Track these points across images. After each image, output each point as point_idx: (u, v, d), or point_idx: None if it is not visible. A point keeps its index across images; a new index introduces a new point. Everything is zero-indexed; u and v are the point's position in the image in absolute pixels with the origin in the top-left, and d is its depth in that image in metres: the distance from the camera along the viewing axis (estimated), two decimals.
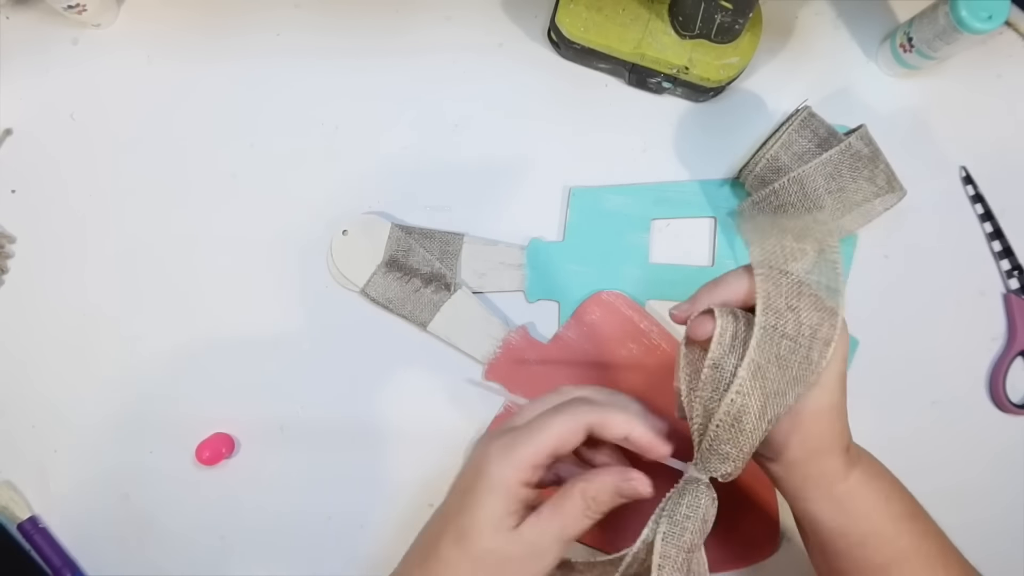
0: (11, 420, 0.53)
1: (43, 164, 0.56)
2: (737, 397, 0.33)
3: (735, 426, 0.34)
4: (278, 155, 0.56)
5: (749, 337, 0.34)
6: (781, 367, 0.34)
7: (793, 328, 0.34)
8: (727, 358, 0.34)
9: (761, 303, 0.34)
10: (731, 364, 0.34)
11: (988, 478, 0.54)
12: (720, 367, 0.34)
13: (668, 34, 0.52)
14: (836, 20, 0.58)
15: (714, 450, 0.35)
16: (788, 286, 0.35)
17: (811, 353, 0.34)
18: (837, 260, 0.36)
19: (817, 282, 0.35)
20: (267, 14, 0.57)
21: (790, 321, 0.34)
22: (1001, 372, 0.54)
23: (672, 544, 0.35)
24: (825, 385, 0.35)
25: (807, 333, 0.34)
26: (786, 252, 0.36)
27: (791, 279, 0.35)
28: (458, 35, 0.57)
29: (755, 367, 0.33)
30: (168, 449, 0.53)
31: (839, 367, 0.36)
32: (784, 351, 0.34)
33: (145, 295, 0.54)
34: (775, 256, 0.36)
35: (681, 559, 0.35)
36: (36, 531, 0.51)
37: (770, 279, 0.35)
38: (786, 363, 0.34)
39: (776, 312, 0.34)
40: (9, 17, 0.57)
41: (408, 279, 0.53)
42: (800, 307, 0.35)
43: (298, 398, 0.54)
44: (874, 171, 0.49)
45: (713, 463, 0.36)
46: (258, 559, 0.52)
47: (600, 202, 0.55)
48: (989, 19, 0.48)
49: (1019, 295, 0.55)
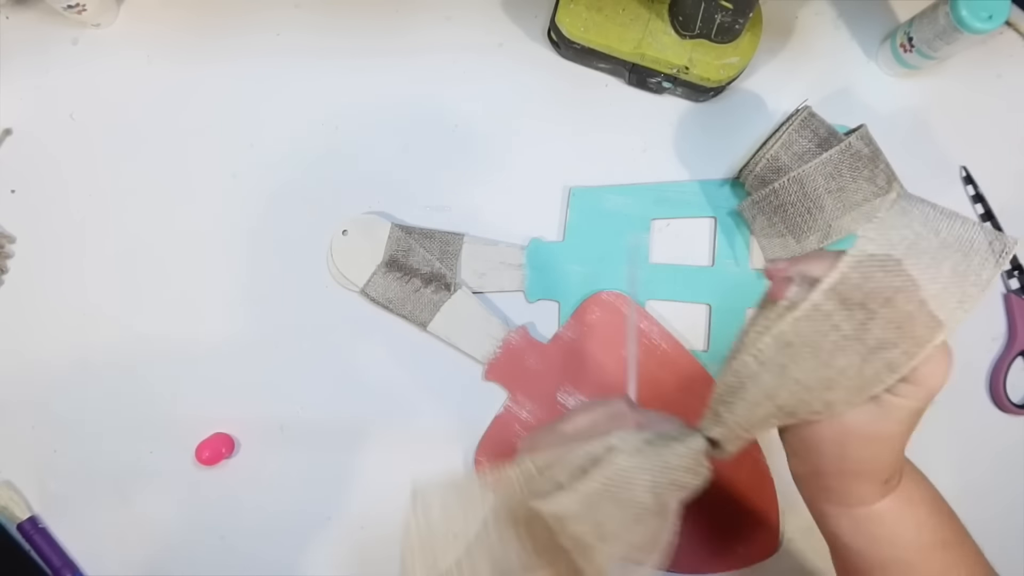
0: (11, 420, 0.53)
1: (43, 164, 0.56)
2: (751, 360, 0.30)
3: (737, 391, 0.31)
4: (278, 155, 0.56)
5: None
6: (818, 360, 0.29)
7: (853, 328, 0.29)
8: (773, 324, 0.30)
9: (827, 282, 0.29)
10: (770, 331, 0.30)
11: (988, 478, 0.54)
12: (761, 331, 0.30)
13: (668, 34, 0.52)
14: (836, 20, 0.58)
15: (714, 405, 0.32)
16: (878, 283, 0.29)
17: (865, 368, 0.29)
18: (972, 302, 0.29)
19: (922, 301, 0.29)
20: (267, 14, 0.57)
21: (854, 319, 0.29)
22: (1001, 372, 0.54)
23: (625, 458, 0.31)
24: (891, 415, 0.31)
25: (870, 344, 0.29)
26: (917, 251, 0.29)
27: (890, 276, 0.29)
28: (458, 35, 0.57)
29: (783, 341, 0.29)
30: (168, 449, 0.53)
31: (915, 405, 0.31)
32: (829, 346, 0.29)
33: (145, 295, 0.54)
34: (894, 247, 0.29)
35: (620, 477, 0.31)
36: (36, 531, 0.51)
37: (860, 265, 0.29)
38: (827, 360, 0.29)
39: (842, 300, 0.29)
40: (9, 17, 0.57)
41: (408, 279, 0.53)
42: (879, 313, 0.29)
43: (298, 398, 0.54)
44: (874, 171, 0.49)
45: (708, 419, 0.33)
46: (258, 559, 0.52)
47: (600, 202, 0.55)
48: (989, 19, 0.48)
49: (1019, 295, 0.55)
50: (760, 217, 0.52)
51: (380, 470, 0.53)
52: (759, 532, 0.52)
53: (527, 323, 0.54)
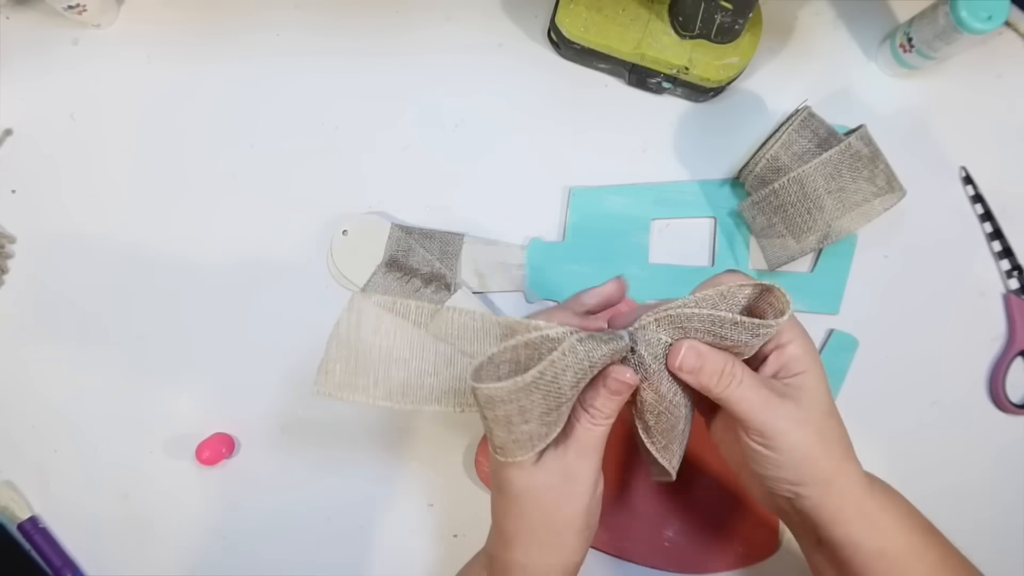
0: (11, 420, 0.53)
1: (43, 164, 0.56)
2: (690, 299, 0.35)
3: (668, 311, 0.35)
4: (278, 155, 0.56)
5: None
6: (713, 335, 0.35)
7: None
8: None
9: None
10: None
11: (988, 478, 0.54)
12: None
13: (668, 34, 0.52)
14: (836, 20, 0.58)
15: (645, 318, 0.35)
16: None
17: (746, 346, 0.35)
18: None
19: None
20: (267, 14, 0.57)
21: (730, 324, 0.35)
22: (1001, 372, 0.54)
23: (558, 354, 0.33)
24: (817, 390, 0.36)
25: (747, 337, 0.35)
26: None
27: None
28: (458, 35, 0.57)
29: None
30: (168, 449, 0.53)
31: (819, 371, 0.36)
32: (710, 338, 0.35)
33: (145, 295, 0.54)
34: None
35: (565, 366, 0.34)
36: (36, 531, 0.51)
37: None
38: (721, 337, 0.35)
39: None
40: (9, 17, 0.57)
41: (408, 279, 0.53)
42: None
43: (298, 398, 0.54)
44: (874, 171, 0.49)
45: (636, 327, 0.36)
46: (258, 559, 0.52)
47: (600, 202, 0.55)
48: (989, 19, 0.48)
49: (1019, 295, 0.55)
50: (760, 217, 0.52)
51: (380, 470, 0.53)
52: (759, 532, 0.52)
53: None
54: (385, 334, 0.39)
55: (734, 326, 0.34)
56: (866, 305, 0.55)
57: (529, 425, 0.34)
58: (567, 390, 0.34)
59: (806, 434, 0.35)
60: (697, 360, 0.35)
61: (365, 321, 0.39)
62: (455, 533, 0.53)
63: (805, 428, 0.35)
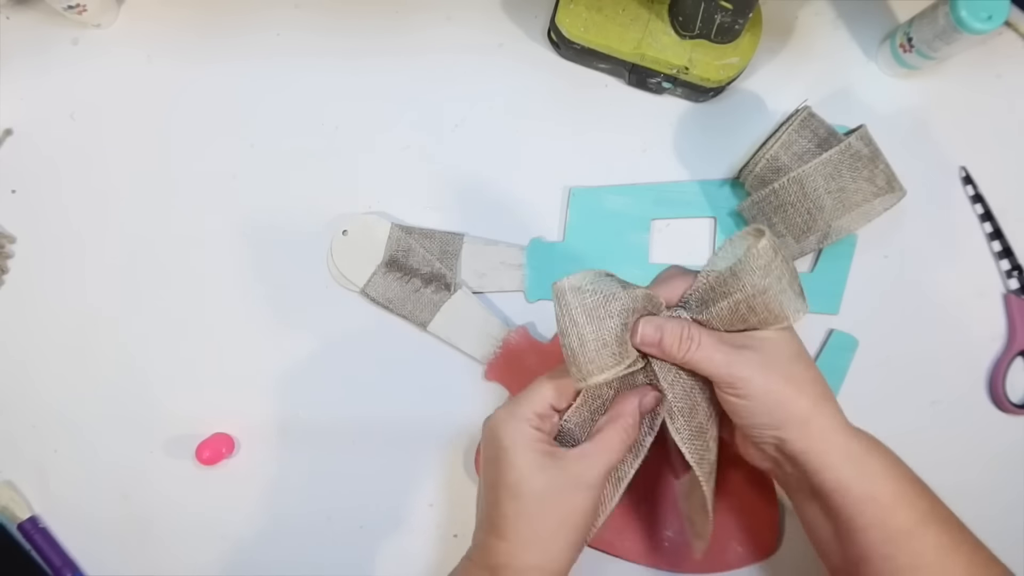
0: (11, 420, 0.53)
1: (43, 164, 0.56)
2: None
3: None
4: (278, 155, 0.56)
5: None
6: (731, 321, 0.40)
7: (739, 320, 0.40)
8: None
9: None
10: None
11: (988, 478, 0.54)
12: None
13: (668, 34, 0.52)
14: (836, 20, 0.58)
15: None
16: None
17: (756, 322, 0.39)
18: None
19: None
20: (267, 14, 0.57)
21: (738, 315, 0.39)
22: (1001, 372, 0.54)
23: (599, 283, 0.38)
24: (780, 338, 0.39)
25: (752, 322, 0.39)
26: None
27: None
28: (458, 35, 0.57)
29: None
30: (168, 449, 0.53)
31: (789, 333, 0.40)
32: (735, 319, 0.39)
33: (145, 295, 0.54)
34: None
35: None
36: (36, 531, 0.51)
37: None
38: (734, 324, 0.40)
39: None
40: (9, 17, 0.57)
41: (408, 279, 0.53)
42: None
43: (298, 398, 0.54)
44: (874, 171, 0.49)
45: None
46: (258, 559, 0.52)
47: (600, 202, 0.55)
48: (989, 19, 0.48)
49: (1019, 295, 0.55)
50: (760, 217, 0.52)
51: (380, 470, 0.53)
52: (759, 532, 0.52)
53: (527, 323, 0.54)
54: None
55: (734, 275, 0.38)
56: (866, 305, 0.55)
57: (587, 354, 0.37)
58: (616, 323, 0.38)
59: (771, 378, 0.38)
60: (655, 332, 0.39)
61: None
62: (455, 533, 0.53)
63: (769, 372, 0.38)
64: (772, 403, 0.38)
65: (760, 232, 0.37)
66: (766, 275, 0.37)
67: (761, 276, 0.37)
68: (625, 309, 0.38)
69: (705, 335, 0.39)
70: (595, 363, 0.38)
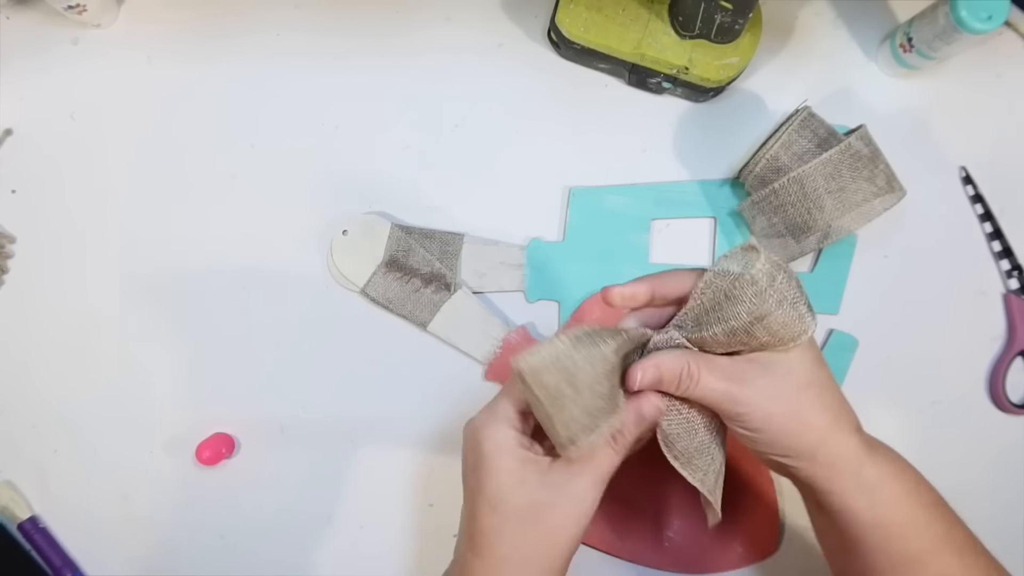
0: (11, 420, 0.53)
1: (43, 164, 0.56)
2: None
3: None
4: (278, 155, 0.56)
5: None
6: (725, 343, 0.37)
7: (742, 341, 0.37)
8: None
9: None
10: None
11: (988, 478, 0.54)
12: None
13: (668, 34, 0.52)
14: (836, 20, 0.58)
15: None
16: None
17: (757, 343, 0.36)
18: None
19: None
20: (267, 14, 0.57)
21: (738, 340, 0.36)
22: (1001, 372, 0.54)
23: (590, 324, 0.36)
24: (792, 364, 0.36)
25: (755, 345, 0.37)
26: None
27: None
28: (458, 35, 0.57)
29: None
30: (168, 449, 0.53)
31: (801, 351, 0.37)
32: (731, 341, 0.36)
33: (145, 295, 0.54)
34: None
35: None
36: (36, 531, 0.51)
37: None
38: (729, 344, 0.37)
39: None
40: (9, 17, 0.57)
41: (408, 279, 0.53)
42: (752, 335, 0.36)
43: (298, 398, 0.54)
44: (874, 171, 0.49)
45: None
46: (258, 559, 0.52)
47: (600, 202, 0.55)
48: (989, 19, 0.48)
49: (1019, 295, 0.55)
50: (760, 217, 0.52)
51: (380, 470, 0.53)
52: (759, 532, 0.52)
53: (527, 323, 0.54)
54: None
55: (728, 300, 0.35)
56: (866, 305, 0.55)
57: (580, 396, 0.34)
58: (612, 356, 0.35)
59: (775, 411, 0.36)
60: (655, 372, 0.36)
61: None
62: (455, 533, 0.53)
63: (774, 405, 0.36)
64: (776, 435, 0.36)
65: (755, 251, 0.35)
66: (763, 301, 0.34)
67: (757, 303, 0.34)
68: (600, 375, 0.34)
69: (705, 369, 0.36)
70: (582, 428, 0.34)
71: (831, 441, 0.36)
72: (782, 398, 0.36)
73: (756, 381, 0.36)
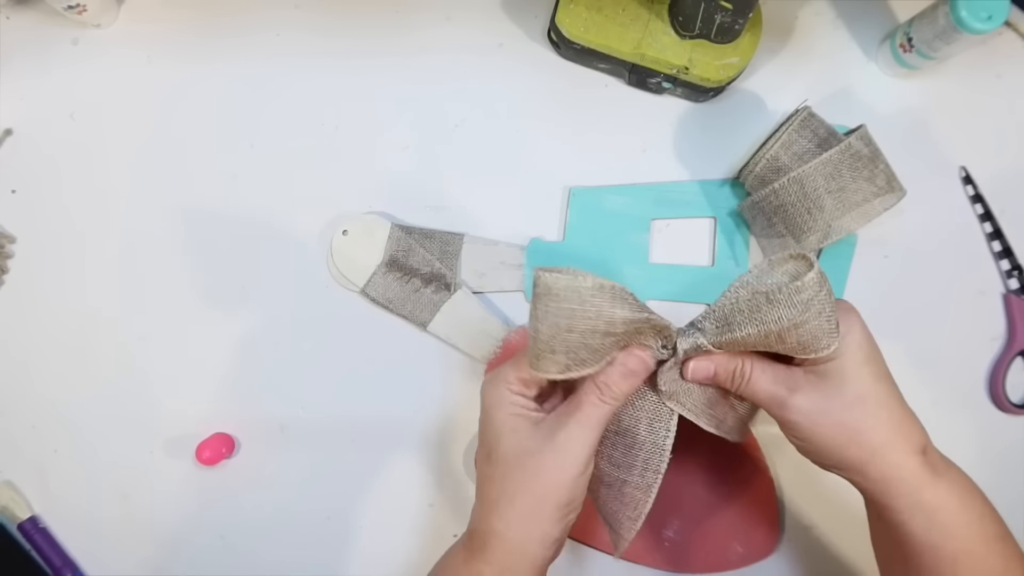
0: (11, 420, 0.53)
1: (43, 164, 0.56)
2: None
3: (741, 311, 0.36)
4: (278, 155, 0.56)
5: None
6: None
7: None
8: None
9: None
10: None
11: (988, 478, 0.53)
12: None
13: (668, 34, 0.52)
14: (836, 20, 0.58)
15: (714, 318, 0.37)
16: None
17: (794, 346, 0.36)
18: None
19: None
20: (267, 14, 0.57)
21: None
22: (1001, 372, 0.54)
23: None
24: (846, 376, 0.36)
25: (792, 346, 0.36)
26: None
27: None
28: (458, 35, 0.57)
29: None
30: (168, 449, 0.53)
31: (856, 358, 0.36)
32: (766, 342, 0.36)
33: (145, 295, 0.54)
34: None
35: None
36: (36, 531, 0.51)
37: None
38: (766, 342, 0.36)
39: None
40: (9, 17, 0.57)
41: (408, 279, 0.53)
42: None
43: (298, 398, 0.54)
44: (874, 171, 0.49)
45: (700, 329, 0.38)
46: (258, 559, 0.52)
47: (600, 202, 0.55)
48: (989, 19, 0.48)
49: (1019, 295, 0.55)
50: (760, 217, 0.52)
51: (380, 470, 0.53)
52: (759, 532, 0.52)
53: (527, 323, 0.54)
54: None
55: (769, 303, 0.35)
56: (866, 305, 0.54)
57: (571, 335, 0.35)
58: (604, 327, 0.35)
59: (823, 424, 0.35)
60: (708, 365, 0.37)
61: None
62: (455, 533, 0.53)
63: (822, 418, 0.35)
64: (823, 448, 0.36)
65: (807, 261, 0.34)
66: (806, 309, 0.34)
67: (801, 311, 0.34)
68: (598, 331, 0.35)
69: (758, 370, 0.37)
70: (552, 360, 0.36)
71: (885, 459, 0.36)
72: (832, 412, 0.35)
73: (806, 391, 0.36)
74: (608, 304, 0.35)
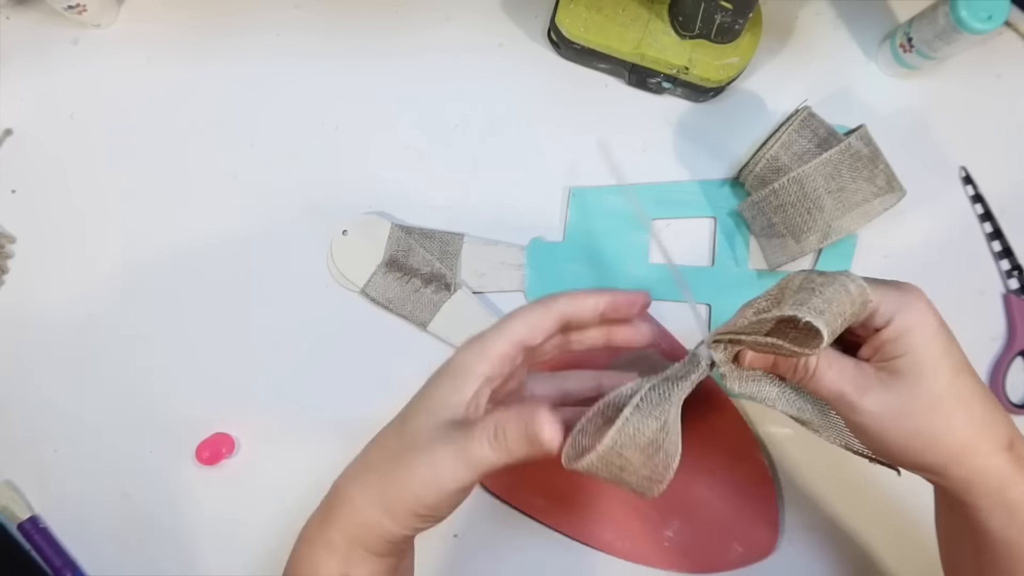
0: (11, 420, 0.53)
1: (43, 164, 0.56)
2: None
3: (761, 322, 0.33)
4: (278, 155, 0.56)
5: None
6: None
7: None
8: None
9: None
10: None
11: None
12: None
13: (668, 34, 0.52)
14: (836, 20, 0.58)
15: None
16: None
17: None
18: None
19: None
20: (267, 14, 0.57)
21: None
22: (1001, 372, 0.54)
23: (631, 412, 0.32)
24: (922, 374, 0.33)
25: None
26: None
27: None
28: (458, 35, 0.57)
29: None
30: (168, 449, 0.53)
31: (931, 353, 0.33)
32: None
33: (145, 295, 0.54)
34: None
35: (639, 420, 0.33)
36: (36, 531, 0.51)
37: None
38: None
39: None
40: (9, 17, 0.57)
41: (408, 279, 0.53)
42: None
43: (298, 398, 0.54)
44: (874, 171, 0.49)
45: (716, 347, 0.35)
46: (258, 559, 0.52)
47: (600, 202, 0.55)
48: (989, 19, 0.48)
49: (1019, 295, 0.55)
50: (760, 217, 0.52)
51: None
52: (759, 532, 0.52)
53: None
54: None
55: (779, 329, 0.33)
56: None
57: (637, 473, 0.32)
58: (658, 434, 0.32)
59: (894, 428, 0.33)
60: (768, 356, 0.35)
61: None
62: (455, 533, 0.53)
63: (893, 421, 0.33)
64: (895, 451, 0.34)
65: (856, 282, 0.32)
66: (835, 311, 0.31)
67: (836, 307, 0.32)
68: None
69: (824, 364, 0.33)
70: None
71: (967, 460, 0.33)
72: (905, 416, 0.33)
73: (876, 392, 0.33)
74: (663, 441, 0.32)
